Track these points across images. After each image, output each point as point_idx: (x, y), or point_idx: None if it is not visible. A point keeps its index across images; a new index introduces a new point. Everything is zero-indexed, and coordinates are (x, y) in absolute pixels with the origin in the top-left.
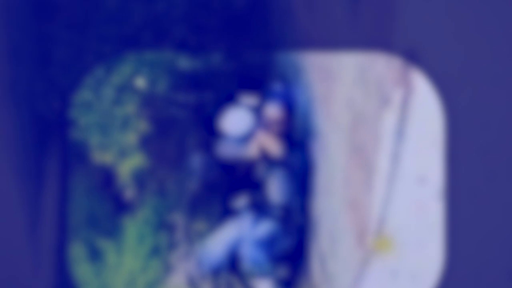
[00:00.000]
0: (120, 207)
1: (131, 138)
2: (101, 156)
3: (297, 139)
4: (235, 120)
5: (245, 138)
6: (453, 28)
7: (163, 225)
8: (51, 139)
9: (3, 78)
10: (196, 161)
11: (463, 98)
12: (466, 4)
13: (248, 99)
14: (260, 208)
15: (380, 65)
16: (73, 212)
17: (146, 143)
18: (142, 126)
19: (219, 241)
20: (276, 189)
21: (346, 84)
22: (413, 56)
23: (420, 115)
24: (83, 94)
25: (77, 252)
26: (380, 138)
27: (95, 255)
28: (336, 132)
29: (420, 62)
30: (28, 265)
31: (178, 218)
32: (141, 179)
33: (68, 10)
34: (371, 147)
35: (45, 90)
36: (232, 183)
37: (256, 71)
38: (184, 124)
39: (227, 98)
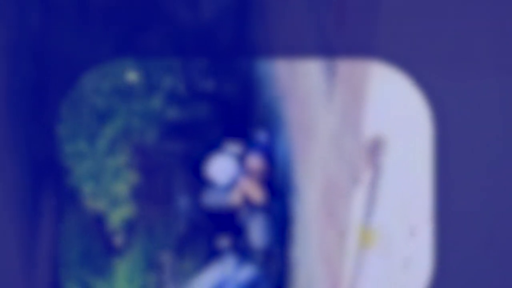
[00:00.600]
0: (111, 249)
1: (122, 188)
2: (94, 203)
3: (276, 188)
4: (220, 167)
5: (229, 187)
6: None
7: (151, 265)
8: (47, 183)
9: (1, 124)
10: (183, 204)
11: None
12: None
13: (232, 147)
14: (242, 251)
15: (351, 142)
16: (66, 251)
17: (136, 193)
18: (133, 177)
19: (204, 282)
20: (257, 234)
21: (321, 146)
22: (380, 141)
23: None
24: (78, 144)
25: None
26: (351, 209)
27: None
28: (311, 189)
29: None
30: None
31: (166, 258)
32: (130, 226)
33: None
34: (343, 213)
35: (40, 133)
36: (216, 225)
37: (240, 119)
38: (172, 171)
39: (212, 146)
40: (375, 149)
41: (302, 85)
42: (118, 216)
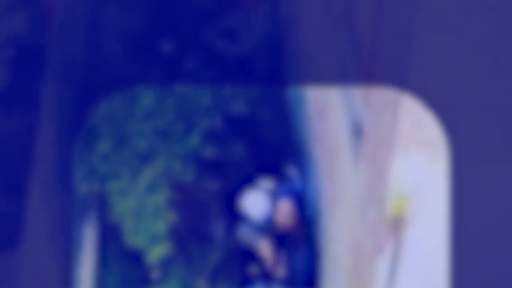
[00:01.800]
0: (148, 280)
1: (161, 226)
2: (133, 240)
3: (305, 230)
4: (254, 202)
5: (261, 225)
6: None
7: None
8: (90, 216)
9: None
10: (218, 234)
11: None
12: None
13: (265, 183)
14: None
15: (374, 213)
16: (105, 281)
17: (174, 231)
18: (171, 216)
19: None
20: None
21: (347, 209)
22: (403, 217)
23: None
24: (120, 182)
25: None
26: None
27: None
28: (338, 246)
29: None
30: None
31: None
32: (168, 262)
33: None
34: (367, 277)
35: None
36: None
37: (273, 156)
38: (209, 207)
39: (246, 182)
40: (397, 224)
41: (332, 134)
42: (156, 253)
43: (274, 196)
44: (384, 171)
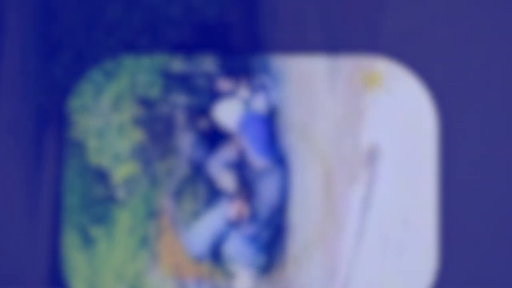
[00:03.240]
0: (113, 200)
1: (126, 145)
2: (97, 159)
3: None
4: (228, 111)
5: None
6: (441, 30)
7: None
8: (51, 132)
9: (12, 72)
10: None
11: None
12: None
13: (240, 92)
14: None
15: (350, 145)
16: (68, 197)
17: (140, 150)
18: (137, 134)
19: (204, 228)
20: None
21: (321, 141)
22: (378, 149)
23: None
24: (83, 99)
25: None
26: (349, 205)
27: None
28: (310, 175)
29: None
30: (25, 247)
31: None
32: (133, 182)
33: (70, 15)
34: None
35: (48, 86)
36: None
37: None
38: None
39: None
40: (372, 156)
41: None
42: (121, 172)
43: (248, 105)
44: (362, 96)
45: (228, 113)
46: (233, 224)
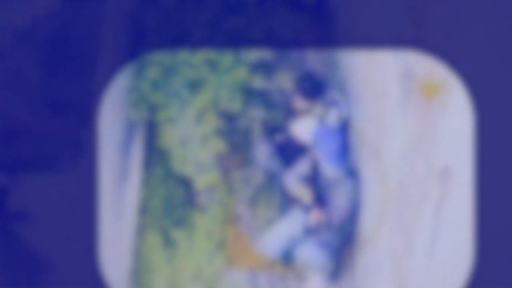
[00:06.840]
0: (193, 205)
1: (208, 155)
2: (181, 167)
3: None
4: (303, 127)
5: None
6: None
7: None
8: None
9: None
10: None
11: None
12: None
13: (315, 109)
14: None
15: (422, 163)
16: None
17: (220, 160)
18: (219, 145)
19: (279, 233)
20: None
21: (393, 156)
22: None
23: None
24: (169, 111)
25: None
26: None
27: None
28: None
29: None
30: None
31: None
32: (213, 189)
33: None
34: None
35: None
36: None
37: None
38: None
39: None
40: (444, 175)
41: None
42: (203, 181)
43: (322, 120)
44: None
45: (303, 128)
46: (311, 231)
